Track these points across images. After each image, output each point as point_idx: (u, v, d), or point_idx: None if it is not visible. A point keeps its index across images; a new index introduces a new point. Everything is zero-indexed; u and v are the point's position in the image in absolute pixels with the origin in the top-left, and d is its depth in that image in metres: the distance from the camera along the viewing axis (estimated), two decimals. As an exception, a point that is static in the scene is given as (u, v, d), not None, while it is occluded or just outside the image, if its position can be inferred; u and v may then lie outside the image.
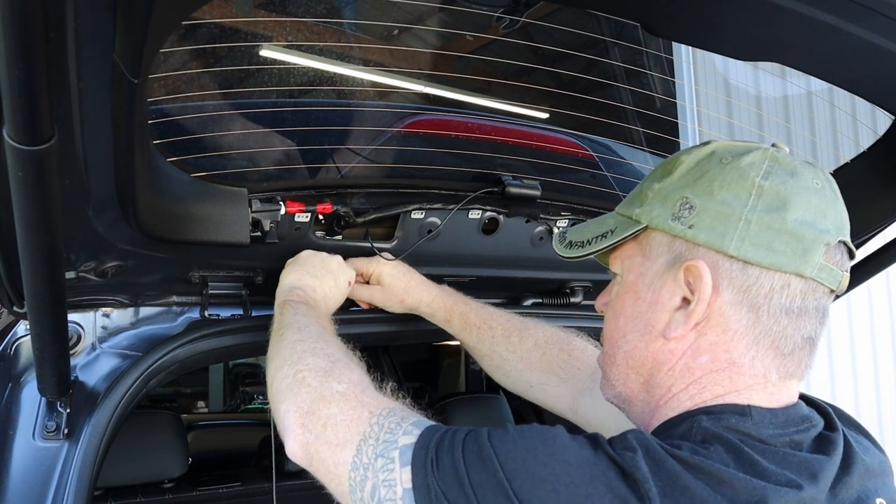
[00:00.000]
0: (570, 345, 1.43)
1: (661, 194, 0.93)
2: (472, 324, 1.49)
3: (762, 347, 0.87)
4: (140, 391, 1.34)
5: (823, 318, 0.90)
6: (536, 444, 0.79)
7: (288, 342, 1.13)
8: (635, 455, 0.76)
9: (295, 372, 1.05)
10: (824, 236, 0.86)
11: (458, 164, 1.61)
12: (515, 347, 1.45)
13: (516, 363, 1.45)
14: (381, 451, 0.87)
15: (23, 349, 1.44)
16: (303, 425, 0.97)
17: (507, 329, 1.47)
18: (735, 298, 0.87)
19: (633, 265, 0.96)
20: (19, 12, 0.61)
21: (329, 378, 1.01)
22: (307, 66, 1.54)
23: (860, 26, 0.99)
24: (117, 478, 1.87)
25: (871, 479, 0.89)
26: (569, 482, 0.75)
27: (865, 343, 6.10)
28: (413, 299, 1.52)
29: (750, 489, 0.75)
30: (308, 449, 0.96)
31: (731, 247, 0.86)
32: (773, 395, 0.88)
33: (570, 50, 1.56)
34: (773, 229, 0.85)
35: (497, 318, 1.49)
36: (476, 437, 0.82)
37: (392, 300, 1.52)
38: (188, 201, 1.25)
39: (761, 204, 0.86)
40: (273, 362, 1.12)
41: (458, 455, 0.80)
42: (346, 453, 0.91)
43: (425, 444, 0.84)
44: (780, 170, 0.88)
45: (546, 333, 1.46)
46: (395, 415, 0.92)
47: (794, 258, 0.85)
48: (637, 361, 0.94)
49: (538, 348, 1.43)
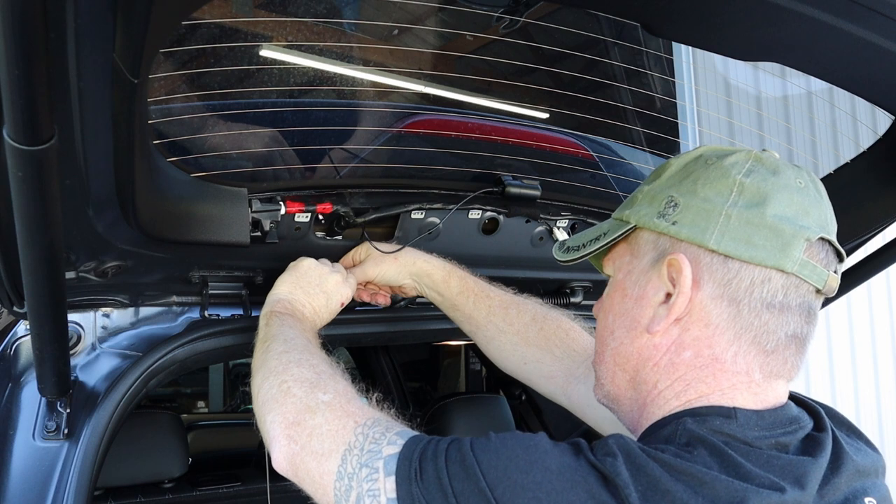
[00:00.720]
0: (567, 324, 1.43)
1: (650, 196, 0.96)
2: (471, 289, 1.47)
3: (744, 343, 0.88)
4: (140, 391, 1.34)
5: (809, 316, 0.90)
6: (518, 452, 0.80)
7: (274, 353, 1.14)
8: (616, 460, 0.77)
9: (280, 383, 1.05)
10: (805, 232, 0.87)
11: (458, 164, 1.61)
12: (513, 320, 1.44)
13: (512, 336, 1.43)
14: (365, 460, 0.88)
15: (23, 349, 1.44)
16: (288, 436, 0.98)
17: (505, 301, 1.46)
18: (716, 292, 0.88)
19: (623, 264, 0.98)
20: (19, 12, 0.61)
21: (315, 389, 1.02)
22: (307, 66, 1.54)
23: (860, 26, 0.99)
24: (117, 478, 1.87)
25: (862, 479, 0.89)
26: (550, 489, 0.76)
27: (865, 343, 6.10)
28: (407, 257, 1.48)
29: (731, 491, 0.76)
30: (293, 460, 0.97)
31: (712, 241, 0.87)
32: (757, 395, 0.88)
33: (570, 50, 1.56)
34: (752, 224, 0.87)
35: (495, 289, 1.48)
36: (459, 447, 0.83)
37: (385, 265, 1.47)
38: (188, 201, 1.25)
39: (742, 200, 0.88)
40: (259, 373, 1.12)
41: (441, 465, 0.81)
42: (331, 463, 0.91)
43: (409, 455, 0.85)
44: (762, 168, 0.90)
45: (544, 309, 1.45)
46: (379, 425, 0.93)
47: (773, 252, 0.86)
48: (623, 358, 0.96)
49: (535, 323, 1.42)
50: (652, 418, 0.92)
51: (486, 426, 2.30)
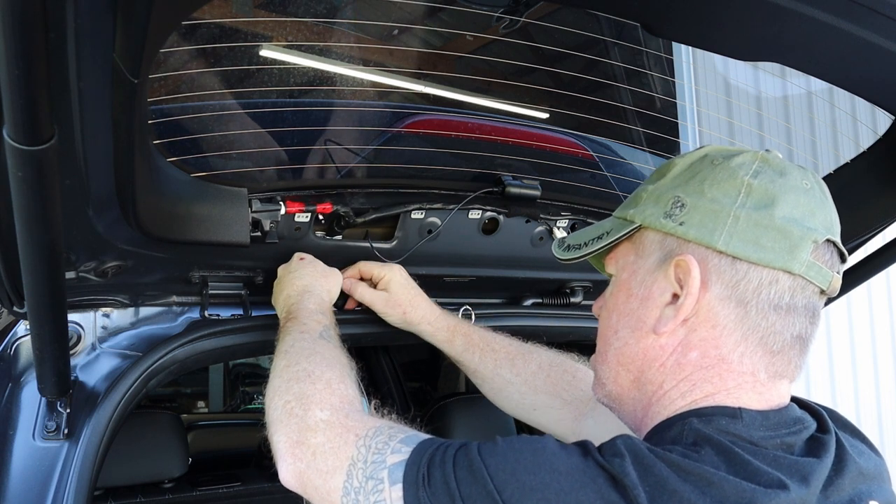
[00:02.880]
0: (573, 367, 1.44)
1: (655, 195, 0.95)
2: (476, 345, 1.48)
3: (751, 344, 0.88)
4: (140, 391, 1.34)
5: (814, 317, 0.91)
6: (525, 454, 0.80)
7: (278, 370, 1.15)
8: (623, 461, 0.77)
9: (284, 403, 1.06)
10: (812, 234, 0.87)
11: (458, 164, 1.61)
12: (520, 370, 1.45)
13: (520, 386, 1.45)
14: (370, 472, 0.88)
15: (23, 349, 1.44)
16: (293, 455, 0.99)
17: (511, 352, 1.47)
18: (724, 293, 0.88)
19: (627, 264, 0.98)
20: (19, 12, 0.61)
21: (312, 405, 1.03)
22: (307, 66, 1.54)
23: (860, 26, 0.99)
24: (117, 478, 1.87)
25: (866, 482, 0.89)
26: (559, 490, 0.76)
27: (865, 343, 6.10)
28: (416, 314, 1.49)
29: (739, 491, 0.76)
30: (301, 478, 0.98)
31: (720, 242, 0.87)
32: (762, 394, 0.88)
33: (570, 50, 1.56)
34: (760, 225, 0.86)
35: (500, 341, 1.49)
36: (466, 451, 0.83)
37: (395, 310, 1.49)
38: (188, 201, 1.25)
39: (750, 201, 0.88)
40: (268, 391, 1.13)
41: (448, 470, 0.82)
42: (336, 480, 0.92)
43: (417, 461, 0.85)
44: (769, 170, 0.90)
45: (549, 357, 1.47)
46: (381, 434, 0.93)
47: (781, 254, 0.86)
48: (627, 358, 0.95)
49: (542, 371, 1.44)
50: (657, 418, 0.92)
51: (487, 426, 2.30)
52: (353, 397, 1.06)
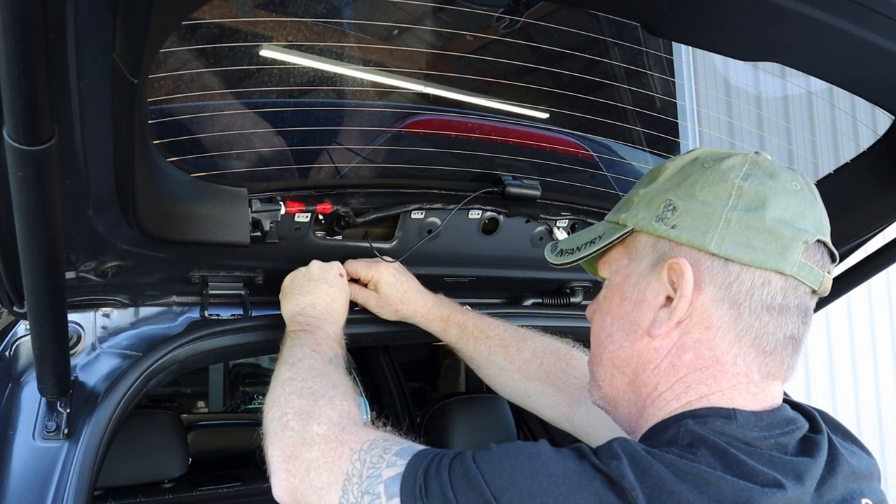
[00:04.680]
0: (567, 354, 1.44)
1: (646, 199, 0.95)
2: (470, 333, 1.49)
3: (744, 345, 0.89)
4: (140, 391, 1.34)
5: (806, 317, 0.92)
6: (521, 460, 0.80)
7: (279, 381, 1.14)
8: (621, 463, 0.78)
9: (281, 415, 1.06)
10: (803, 235, 0.88)
11: (458, 164, 1.61)
12: (513, 357, 1.46)
13: (514, 373, 1.45)
14: (366, 487, 0.88)
15: (23, 349, 1.44)
16: (286, 470, 0.98)
17: (505, 339, 1.48)
18: (717, 295, 0.88)
19: (620, 267, 0.98)
20: (19, 12, 0.61)
21: (310, 420, 1.02)
22: (307, 66, 1.54)
23: (860, 26, 0.99)
24: (117, 478, 1.87)
25: (857, 481, 0.90)
26: (557, 494, 0.76)
27: (865, 343, 6.10)
28: (408, 309, 1.51)
29: (737, 490, 0.76)
30: (294, 494, 0.97)
31: (713, 244, 0.88)
32: (755, 395, 0.89)
33: (570, 50, 1.56)
34: (752, 227, 0.87)
35: (494, 327, 1.50)
36: (462, 460, 0.83)
37: (387, 308, 1.50)
38: (188, 201, 1.25)
39: (741, 203, 0.88)
40: (267, 401, 1.13)
41: (445, 480, 0.82)
42: (332, 496, 0.92)
43: (413, 473, 0.85)
44: (759, 172, 0.91)
45: (543, 343, 1.47)
46: (376, 447, 0.93)
47: (773, 255, 0.87)
48: (622, 361, 0.96)
49: (536, 358, 1.44)
50: (651, 420, 0.92)
51: (487, 426, 2.30)
52: (353, 413, 1.06)
